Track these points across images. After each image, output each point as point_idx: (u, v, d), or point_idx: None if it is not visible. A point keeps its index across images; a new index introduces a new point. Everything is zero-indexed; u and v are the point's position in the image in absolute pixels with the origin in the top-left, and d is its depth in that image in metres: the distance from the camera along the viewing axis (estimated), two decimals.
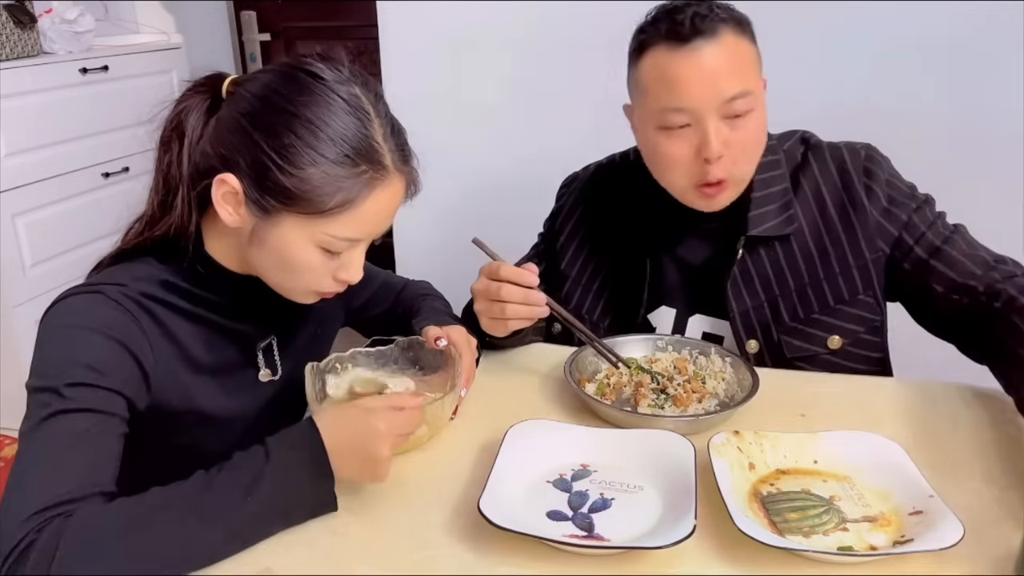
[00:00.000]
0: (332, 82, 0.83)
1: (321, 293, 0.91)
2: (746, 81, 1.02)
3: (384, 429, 0.79)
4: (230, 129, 0.85)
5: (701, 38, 1.00)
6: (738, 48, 1.02)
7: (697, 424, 0.95)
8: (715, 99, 1.01)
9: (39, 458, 0.75)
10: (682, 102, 1.01)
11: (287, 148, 0.81)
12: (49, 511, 0.71)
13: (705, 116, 1.01)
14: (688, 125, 1.03)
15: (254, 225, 0.85)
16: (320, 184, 0.81)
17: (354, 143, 0.82)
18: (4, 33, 2.29)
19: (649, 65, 1.04)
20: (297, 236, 0.84)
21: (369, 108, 0.84)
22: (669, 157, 1.06)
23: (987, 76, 1.70)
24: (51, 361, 0.81)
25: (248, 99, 0.85)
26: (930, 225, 1.11)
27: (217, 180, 0.83)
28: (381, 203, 0.85)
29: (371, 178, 0.83)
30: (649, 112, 1.06)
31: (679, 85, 1.01)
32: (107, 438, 0.79)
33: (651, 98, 1.05)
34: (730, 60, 1.01)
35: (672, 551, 0.73)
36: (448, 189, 2.08)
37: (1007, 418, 0.98)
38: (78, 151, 2.48)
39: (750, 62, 1.04)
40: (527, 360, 1.18)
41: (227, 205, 0.85)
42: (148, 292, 0.87)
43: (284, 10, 3.26)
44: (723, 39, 1.01)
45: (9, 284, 2.27)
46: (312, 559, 0.77)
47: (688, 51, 1.00)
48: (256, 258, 0.89)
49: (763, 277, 1.14)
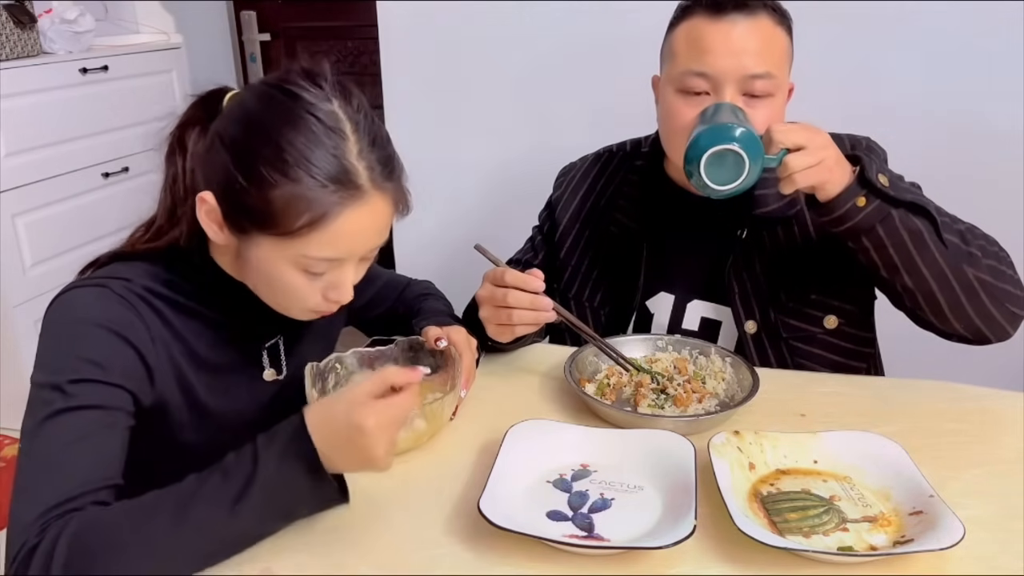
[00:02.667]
0: (307, 100, 0.81)
1: (315, 312, 0.89)
2: (772, 64, 1.03)
3: (373, 425, 0.73)
4: (208, 147, 0.85)
5: (739, 13, 1.03)
6: (772, 33, 1.04)
7: (697, 424, 0.95)
8: (737, 71, 1.02)
9: (42, 459, 0.75)
10: (705, 66, 1.03)
11: (253, 168, 0.80)
12: (52, 512, 0.72)
13: (724, 85, 1.03)
14: (707, 93, 1.05)
15: (236, 245, 0.85)
16: (285, 205, 0.79)
17: (322, 164, 0.79)
18: (4, 33, 2.29)
19: (684, 31, 1.07)
20: (274, 257, 0.83)
21: (345, 125, 0.81)
22: (682, 120, 1.06)
23: (987, 76, 1.70)
24: (54, 356, 0.81)
25: (226, 117, 0.85)
26: None
27: (199, 198, 0.83)
28: (357, 222, 0.82)
29: (342, 197, 0.80)
30: (673, 75, 1.08)
31: (706, 51, 1.03)
32: (111, 433, 0.79)
33: (678, 60, 1.07)
34: (760, 40, 1.03)
35: (672, 551, 0.73)
36: (448, 189, 2.08)
37: (1007, 417, 0.98)
38: (78, 151, 2.48)
39: (780, 50, 1.06)
40: (527, 360, 1.18)
41: (211, 223, 0.84)
42: (152, 288, 0.87)
43: (284, 10, 3.26)
44: (760, 20, 1.03)
45: (9, 284, 2.28)
46: (312, 559, 0.77)
47: (723, 21, 1.03)
48: (245, 277, 0.89)
49: (764, 259, 1.16)
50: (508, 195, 2.09)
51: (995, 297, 1.01)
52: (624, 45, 1.84)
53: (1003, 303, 1.01)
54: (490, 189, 2.14)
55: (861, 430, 0.91)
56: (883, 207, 0.96)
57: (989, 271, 1.00)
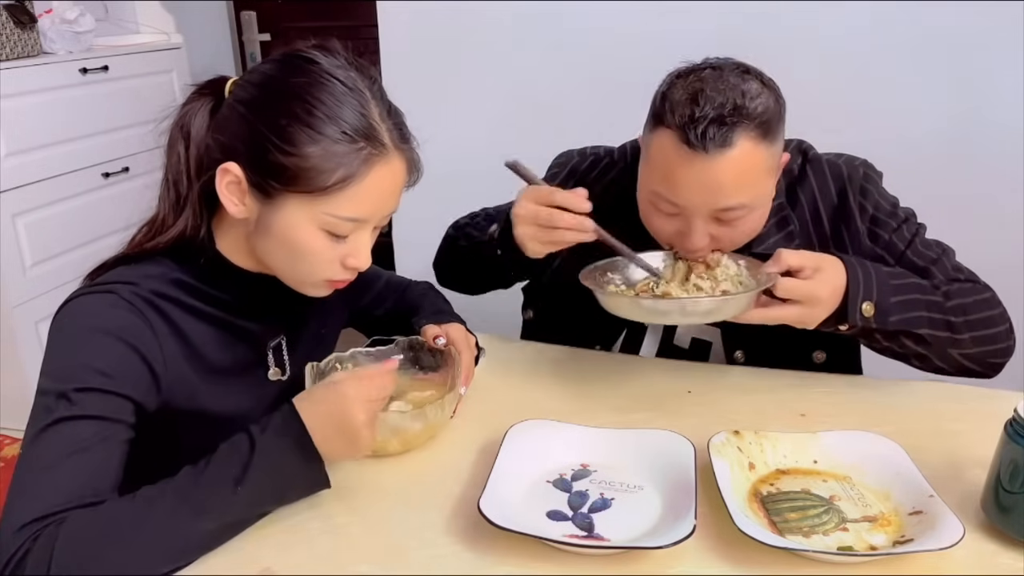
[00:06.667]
0: (327, 65, 0.84)
1: (332, 282, 0.90)
2: (747, 194, 0.98)
3: (353, 394, 0.80)
4: (229, 118, 0.86)
5: (710, 152, 0.94)
6: (752, 159, 0.96)
7: (726, 306, 0.94)
8: (708, 207, 0.98)
9: (40, 466, 0.76)
10: (675, 198, 0.99)
11: (285, 128, 0.81)
12: (45, 519, 0.72)
13: (694, 216, 1.00)
14: (678, 214, 1.01)
15: (259, 213, 0.86)
16: (319, 162, 0.81)
17: (351, 121, 0.82)
18: (4, 33, 2.29)
19: (657, 145, 0.99)
20: (301, 219, 0.84)
21: (365, 89, 0.84)
22: (654, 226, 1.06)
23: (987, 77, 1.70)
24: (61, 364, 0.81)
25: (246, 87, 0.86)
26: (908, 244, 1.11)
27: (220, 170, 0.84)
28: (382, 180, 0.85)
29: (370, 154, 0.83)
30: (646, 184, 1.04)
31: (676, 185, 0.98)
32: (110, 446, 0.79)
33: (651, 176, 1.02)
34: (736, 175, 0.96)
35: (672, 551, 0.73)
36: (448, 189, 2.08)
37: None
38: (78, 151, 2.47)
39: (760, 171, 0.99)
40: (527, 360, 1.18)
41: (231, 196, 0.85)
42: (160, 291, 0.87)
43: (284, 10, 3.27)
44: (737, 149, 0.94)
45: (9, 284, 2.27)
46: (312, 559, 0.77)
47: (694, 159, 0.95)
48: (264, 250, 0.89)
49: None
50: (508, 195, 2.09)
51: (979, 361, 1.05)
52: (625, 44, 1.85)
53: (986, 360, 1.06)
54: (491, 189, 2.13)
55: (861, 430, 0.91)
56: (867, 330, 0.99)
57: (973, 343, 1.04)
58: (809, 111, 1.12)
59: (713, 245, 1.03)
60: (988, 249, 1.25)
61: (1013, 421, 0.78)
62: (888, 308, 0.98)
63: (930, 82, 1.73)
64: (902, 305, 0.99)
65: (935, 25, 1.68)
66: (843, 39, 1.73)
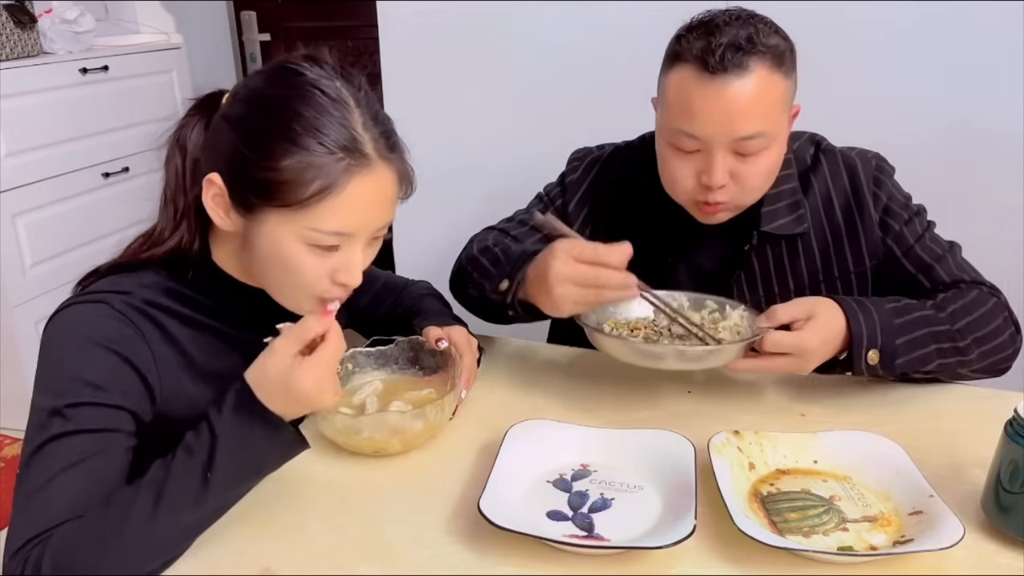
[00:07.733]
0: (311, 77, 0.83)
1: (323, 298, 0.89)
2: (765, 122, 1.00)
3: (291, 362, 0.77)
4: (216, 132, 0.86)
5: (729, 73, 0.96)
6: (767, 85, 0.99)
7: (717, 355, 0.94)
8: (727, 135, 0.99)
9: (36, 487, 0.76)
10: (695, 130, 1.00)
11: (263, 141, 0.80)
12: (38, 539, 0.73)
13: (714, 147, 1.00)
14: (698, 150, 1.03)
15: (244, 228, 0.85)
16: (295, 175, 0.80)
17: (331, 132, 0.81)
18: (4, 33, 2.29)
19: (675, 81, 1.02)
20: (283, 234, 0.83)
21: (348, 98, 0.83)
22: (675, 173, 1.06)
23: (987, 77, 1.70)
24: (54, 377, 0.81)
25: (232, 101, 0.86)
26: (918, 238, 1.12)
27: (206, 181, 0.83)
28: (364, 192, 0.83)
29: (349, 165, 0.81)
30: (664, 127, 1.06)
31: (696, 114, 0.99)
32: (108, 457, 0.79)
33: (670, 114, 1.04)
34: (753, 100, 0.98)
35: (672, 551, 0.73)
36: (448, 190, 2.08)
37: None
38: (78, 151, 2.47)
39: (776, 100, 1.01)
40: (527, 360, 1.18)
41: (218, 209, 0.85)
42: (153, 300, 0.87)
43: (284, 10, 3.27)
44: (753, 75, 0.97)
45: (9, 284, 2.27)
46: (312, 559, 0.77)
47: (712, 83, 0.97)
48: (255, 267, 0.89)
49: (767, 275, 1.15)
50: (509, 196, 2.08)
51: (987, 369, 1.07)
52: (627, 43, 1.85)
53: (995, 367, 1.07)
54: (491, 189, 2.13)
55: (861, 430, 0.91)
56: (875, 374, 1.00)
57: (981, 358, 1.04)
58: (809, 111, 1.13)
59: (733, 184, 1.03)
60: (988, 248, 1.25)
61: (1013, 421, 0.78)
62: (894, 351, 0.98)
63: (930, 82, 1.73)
64: (909, 345, 0.98)
65: (935, 25, 1.68)
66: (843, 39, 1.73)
